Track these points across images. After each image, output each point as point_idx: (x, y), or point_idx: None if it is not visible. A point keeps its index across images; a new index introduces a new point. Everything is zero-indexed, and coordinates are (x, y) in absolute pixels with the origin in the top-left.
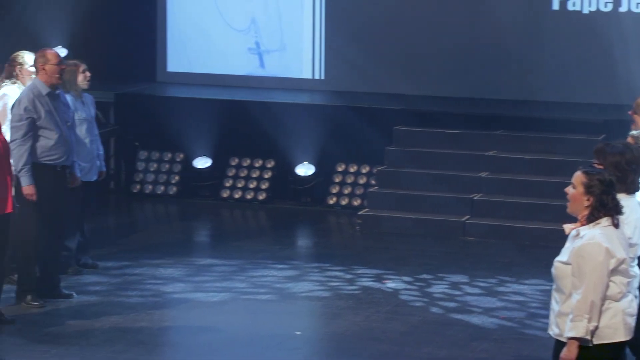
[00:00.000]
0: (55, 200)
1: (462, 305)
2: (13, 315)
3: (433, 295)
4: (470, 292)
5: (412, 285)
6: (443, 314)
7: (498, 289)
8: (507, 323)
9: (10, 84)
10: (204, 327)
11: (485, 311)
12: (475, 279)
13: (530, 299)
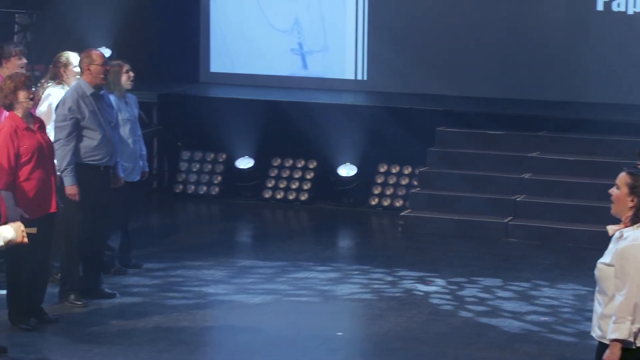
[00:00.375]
0: (99, 200)
1: (501, 307)
2: (56, 314)
3: (474, 297)
4: (509, 295)
5: (454, 287)
6: (484, 315)
7: (533, 292)
8: (544, 326)
9: (55, 84)
10: (245, 328)
11: (522, 315)
12: (514, 281)
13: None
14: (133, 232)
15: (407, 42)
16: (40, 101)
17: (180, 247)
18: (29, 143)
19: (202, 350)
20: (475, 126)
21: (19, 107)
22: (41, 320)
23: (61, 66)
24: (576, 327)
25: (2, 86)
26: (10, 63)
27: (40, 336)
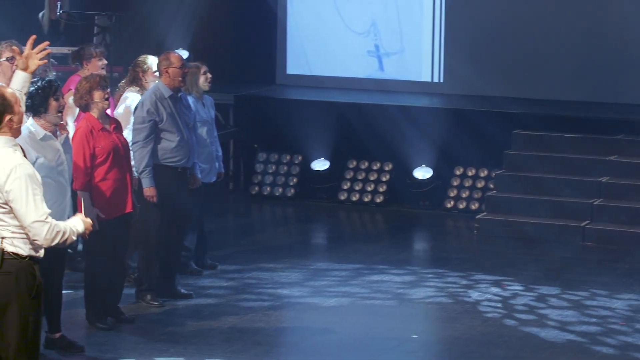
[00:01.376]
0: (176, 201)
1: (580, 311)
2: (133, 314)
3: (551, 300)
4: (595, 299)
5: (531, 290)
6: (561, 319)
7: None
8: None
9: (133, 87)
10: (319, 329)
11: (604, 319)
12: (592, 287)
13: None
14: (209, 233)
15: (484, 44)
16: (118, 103)
17: (255, 248)
18: (105, 143)
19: (276, 351)
20: (553, 129)
21: (94, 108)
22: (118, 320)
23: (140, 69)
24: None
25: (77, 87)
26: (91, 64)
27: (116, 336)
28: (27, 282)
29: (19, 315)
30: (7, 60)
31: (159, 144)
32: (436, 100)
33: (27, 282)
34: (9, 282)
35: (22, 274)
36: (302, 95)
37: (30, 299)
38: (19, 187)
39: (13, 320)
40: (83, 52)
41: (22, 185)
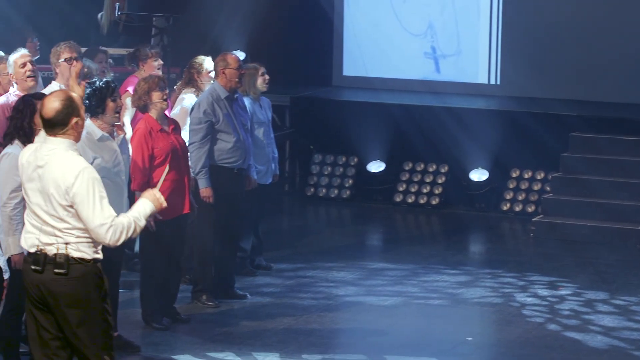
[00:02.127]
0: (232, 202)
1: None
2: (188, 314)
3: (608, 303)
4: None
5: (587, 293)
6: (617, 322)
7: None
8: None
9: (190, 88)
10: (374, 330)
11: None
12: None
13: None
14: (264, 234)
15: (541, 46)
16: (174, 104)
17: (310, 249)
18: (163, 144)
19: (331, 352)
20: (610, 131)
21: (153, 109)
22: (174, 320)
23: (195, 71)
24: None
25: (136, 88)
26: (147, 65)
27: (172, 335)
28: (95, 284)
29: (91, 317)
30: (66, 61)
31: (215, 145)
32: (492, 102)
33: (95, 284)
34: (78, 287)
35: (89, 277)
36: (358, 97)
37: (100, 300)
38: (85, 190)
39: (86, 323)
40: (139, 53)
41: (88, 189)
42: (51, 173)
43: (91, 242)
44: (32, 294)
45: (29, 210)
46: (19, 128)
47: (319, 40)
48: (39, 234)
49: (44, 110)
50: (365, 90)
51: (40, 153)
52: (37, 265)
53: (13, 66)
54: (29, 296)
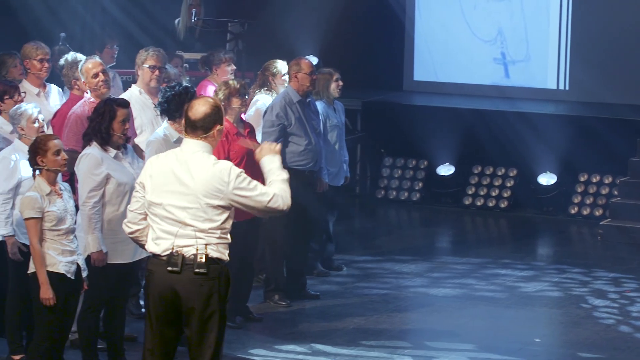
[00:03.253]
0: (304, 203)
1: None
2: (261, 313)
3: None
4: None
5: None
6: None
7: None
8: None
9: (263, 91)
10: (443, 331)
11: None
12: None
13: None
14: (336, 236)
15: (610, 51)
16: (248, 106)
17: (380, 250)
18: (239, 147)
19: (400, 352)
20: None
21: (230, 113)
22: (247, 319)
23: (269, 74)
24: None
25: (217, 91)
26: (220, 69)
27: (245, 334)
28: (226, 285)
29: (220, 317)
30: (149, 68)
31: (287, 148)
32: (561, 107)
33: (225, 285)
34: (214, 287)
35: (223, 277)
36: (429, 102)
37: (226, 301)
38: (241, 182)
39: (215, 325)
40: (212, 58)
41: (243, 180)
42: (202, 177)
43: (227, 244)
44: (161, 295)
45: (156, 217)
46: (97, 131)
47: (391, 45)
48: (174, 238)
49: (192, 112)
50: (435, 95)
51: (181, 157)
52: (174, 266)
53: (85, 75)
54: (152, 298)
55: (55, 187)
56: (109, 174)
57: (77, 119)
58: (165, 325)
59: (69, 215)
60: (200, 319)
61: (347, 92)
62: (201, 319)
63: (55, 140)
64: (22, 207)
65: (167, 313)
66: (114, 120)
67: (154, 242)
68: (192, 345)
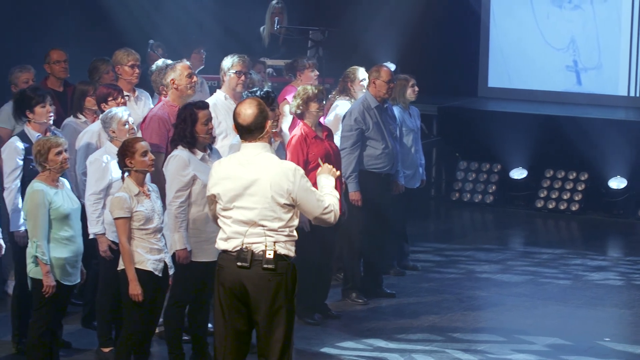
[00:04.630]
0: (380, 205)
1: None
2: (339, 310)
3: None
4: None
5: None
6: None
7: None
8: None
9: (343, 96)
10: (515, 330)
11: None
12: None
13: None
14: (411, 236)
15: None
16: (328, 111)
17: (455, 251)
18: (317, 150)
19: (473, 349)
20: None
21: (309, 117)
22: (325, 316)
23: (348, 80)
24: None
25: (296, 96)
26: (304, 75)
27: (323, 330)
28: (293, 281)
29: (287, 312)
30: (236, 73)
31: (365, 151)
32: (631, 113)
33: (293, 281)
34: (281, 282)
35: (290, 274)
36: (503, 107)
37: (294, 296)
38: (304, 186)
39: (283, 319)
40: (296, 64)
41: (306, 184)
42: (268, 176)
43: (295, 241)
44: (231, 289)
45: (226, 219)
46: (182, 136)
47: (467, 53)
48: (243, 237)
49: (241, 118)
50: (509, 101)
51: (244, 160)
52: (243, 262)
53: (179, 72)
54: (223, 292)
55: (143, 187)
56: (196, 175)
57: (158, 120)
58: (236, 318)
59: (157, 215)
60: (268, 314)
61: (423, 98)
62: (268, 313)
63: (142, 142)
64: (112, 207)
65: (237, 306)
66: (196, 123)
67: (224, 240)
68: (261, 339)
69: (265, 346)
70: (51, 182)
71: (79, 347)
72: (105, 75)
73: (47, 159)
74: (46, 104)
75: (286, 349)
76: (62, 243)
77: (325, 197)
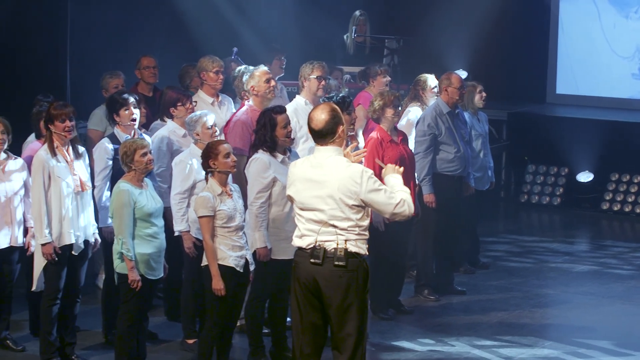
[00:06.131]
0: (452, 206)
1: None
2: (411, 306)
3: None
4: None
5: None
6: None
7: None
8: None
9: (415, 102)
10: (582, 327)
11: None
12: None
13: None
14: (481, 236)
15: None
16: (401, 116)
17: (524, 250)
18: (392, 154)
19: (540, 344)
20: None
21: (385, 122)
22: (398, 311)
23: (420, 87)
24: None
25: (373, 101)
26: (377, 81)
27: (396, 325)
28: (364, 277)
29: (359, 308)
30: (317, 78)
31: (437, 155)
32: None
33: (364, 278)
34: (352, 279)
35: (361, 270)
36: (570, 114)
37: (365, 292)
38: (372, 186)
39: (355, 313)
40: (369, 71)
41: (374, 184)
42: (336, 179)
43: (366, 239)
44: (305, 284)
45: (301, 217)
46: (263, 141)
47: (536, 61)
48: (316, 235)
49: (313, 123)
50: (576, 107)
51: (316, 163)
52: (316, 259)
53: (257, 79)
54: (298, 287)
55: (226, 188)
56: (276, 177)
57: (241, 124)
58: (311, 312)
59: (238, 214)
60: (340, 309)
61: (493, 104)
62: (340, 308)
63: (225, 145)
64: (196, 206)
65: (311, 301)
66: (276, 127)
67: (299, 238)
68: (334, 333)
69: (339, 340)
70: (136, 182)
71: (164, 338)
72: (196, 79)
73: (133, 159)
74: (130, 108)
75: (359, 343)
76: (146, 240)
77: (396, 193)
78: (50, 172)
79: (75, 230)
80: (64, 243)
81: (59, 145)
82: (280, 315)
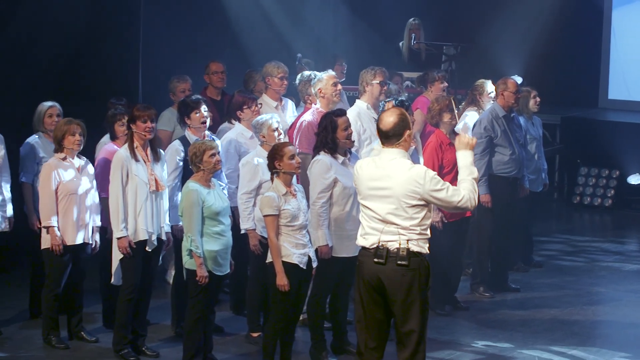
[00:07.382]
0: (507, 207)
1: None
2: (467, 303)
3: None
4: None
5: None
6: None
7: None
8: None
9: (472, 107)
10: (631, 324)
11: None
12: None
13: None
14: (535, 236)
15: None
16: (458, 119)
17: (576, 249)
18: (450, 157)
19: (591, 341)
20: None
21: (443, 126)
22: (455, 308)
23: (477, 92)
24: None
25: (430, 107)
26: (434, 86)
27: (452, 321)
28: (425, 276)
29: (421, 305)
30: (379, 83)
31: (493, 157)
32: None
33: (425, 276)
34: (415, 278)
35: (422, 269)
36: (621, 118)
37: (427, 289)
38: (435, 184)
39: (417, 310)
40: (427, 77)
41: (437, 182)
42: (400, 180)
43: (427, 239)
44: (369, 282)
45: (366, 215)
46: (324, 144)
47: (588, 67)
48: (380, 234)
49: (382, 124)
50: (627, 112)
51: (380, 164)
52: (380, 258)
53: (325, 82)
54: (363, 285)
55: (290, 188)
56: (337, 178)
57: (309, 126)
58: (374, 308)
59: (302, 213)
60: (403, 306)
61: (547, 108)
62: (403, 305)
63: (290, 147)
64: (262, 205)
65: (375, 298)
66: (337, 130)
67: (363, 237)
68: (398, 328)
69: (402, 335)
70: (204, 182)
71: (230, 331)
72: (261, 83)
73: (202, 160)
74: (200, 111)
75: (421, 339)
76: (214, 237)
77: (460, 189)
78: (129, 170)
79: (149, 227)
80: (139, 239)
81: (138, 146)
82: (341, 310)
